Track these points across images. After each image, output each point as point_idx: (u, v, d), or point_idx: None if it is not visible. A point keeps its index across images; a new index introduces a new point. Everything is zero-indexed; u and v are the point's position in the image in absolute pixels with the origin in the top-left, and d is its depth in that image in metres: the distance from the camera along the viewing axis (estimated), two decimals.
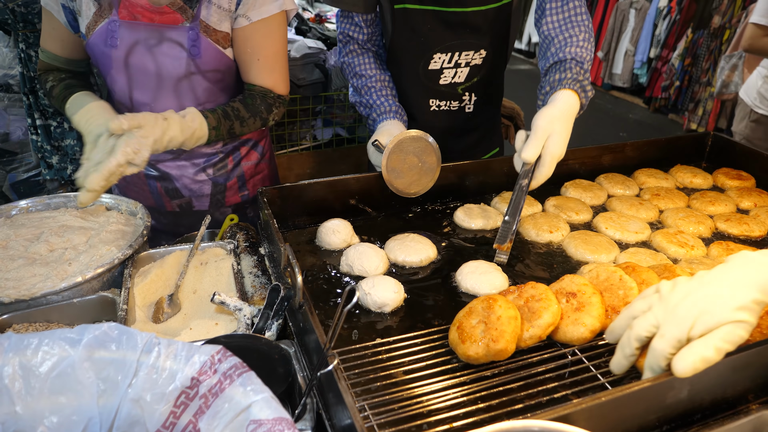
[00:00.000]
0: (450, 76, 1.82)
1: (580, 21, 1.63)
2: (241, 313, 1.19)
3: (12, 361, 0.80)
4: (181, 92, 1.67)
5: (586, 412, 0.91)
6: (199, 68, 1.63)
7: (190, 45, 1.59)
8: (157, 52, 1.59)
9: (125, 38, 1.57)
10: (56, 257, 1.37)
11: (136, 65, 1.61)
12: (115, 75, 1.65)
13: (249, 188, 1.97)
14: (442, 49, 1.77)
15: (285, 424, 0.76)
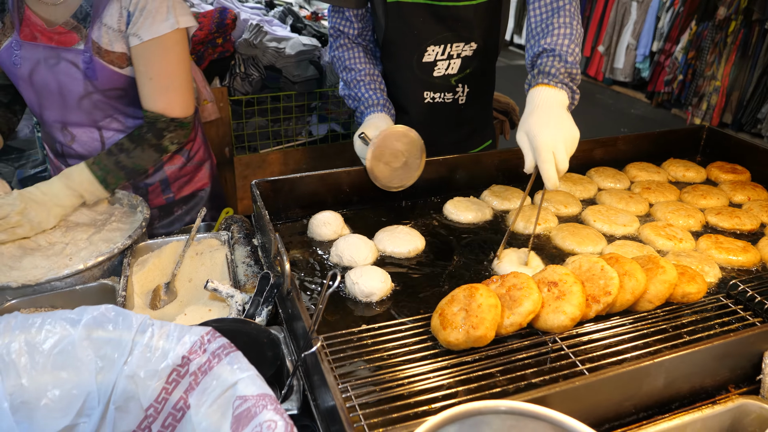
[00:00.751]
0: (443, 68, 1.86)
1: (564, 11, 1.59)
2: (233, 300, 1.24)
3: (18, 338, 0.86)
4: (86, 109, 1.69)
5: (560, 396, 0.95)
6: (96, 88, 1.64)
7: (84, 67, 1.60)
8: (57, 71, 1.61)
9: (27, 57, 1.61)
10: (60, 249, 1.43)
11: (40, 83, 1.64)
12: (23, 92, 1.69)
13: (174, 190, 1.95)
14: (435, 41, 1.80)
15: (268, 400, 0.80)
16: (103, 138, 1.75)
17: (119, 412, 0.91)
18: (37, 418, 0.89)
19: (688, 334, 1.23)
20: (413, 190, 1.74)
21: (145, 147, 1.65)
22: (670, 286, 1.27)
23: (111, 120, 1.73)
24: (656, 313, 1.29)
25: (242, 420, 0.80)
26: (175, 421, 0.89)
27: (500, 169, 1.88)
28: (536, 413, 0.78)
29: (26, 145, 2.80)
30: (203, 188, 2.02)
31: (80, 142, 1.75)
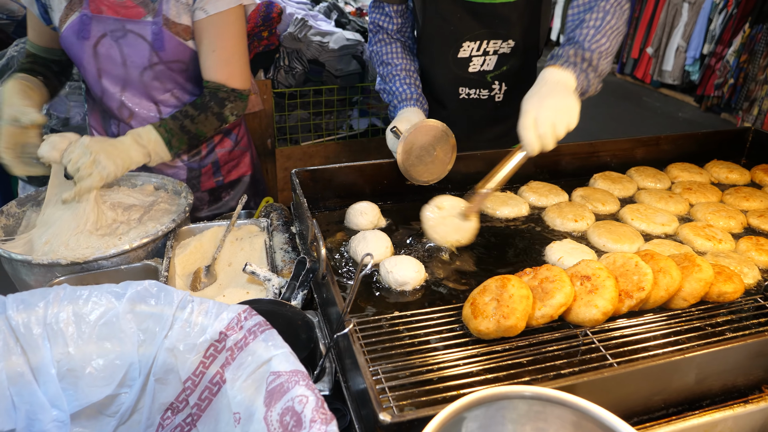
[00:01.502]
0: (479, 64, 1.87)
1: (599, 8, 1.60)
2: (270, 283, 1.27)
3: (66, 309, 0.91)
4: (148, 81, 1.75)
5: (588, 386, 0.96)
6: (161, 59, 1.71)
7: (152, 38, 1.67)
8: (122, 43, 1.68)
9: (95, 30, 1.67)
10: (110, 231, 1.49)
11: (104, 55, 1.70)
12: (87, 65, 1.74)
13: (223, 174, 2.02)
14: (471, 37, 1.81)
15: (300, 376, 0.83)
16: (161, 113, 1.82)
17: (159, 384, 0.96)
18: (82, 386, 0.94)
19: (722, 333, 1.22)
20: (450, 183, 1.76)
21: (208, 114, 1.72)
22: (706, 284, 1.25)
23: (169, 95, 1.80)
24: (691, 311, 1.27)
25: (275, 394, 0.84)
26: (211, 395, 0.93)
27: (539, 166, 1.88)
28: (560, 399, 0.79)
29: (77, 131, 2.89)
30: (246, 174, 2.09)
31: (138, 119, 1.81)
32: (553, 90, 1.48)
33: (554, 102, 1.45)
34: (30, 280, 1.41)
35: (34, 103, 1.67)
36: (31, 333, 0.91)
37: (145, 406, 0.97)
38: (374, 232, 1.48)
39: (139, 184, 1.74)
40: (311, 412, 0.78)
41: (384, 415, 0.84)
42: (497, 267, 1.47)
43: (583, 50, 1.55)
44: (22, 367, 0.90)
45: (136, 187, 1.72)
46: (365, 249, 1.42)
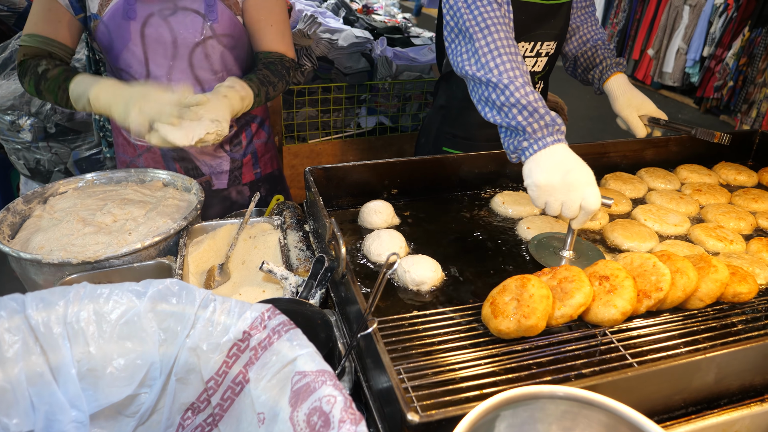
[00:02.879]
0: (530, 65, 1.85)
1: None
2: (287, 282, 1.26)
3: (87, 308, 0.90)
4: (196, 61, 1.73)
5: (611, 386, 0.95)
6: (214, 32, 1.71)
7: (207, 11, 1.67)
8: (172, 20, 1.66)
9: (141, 11, 1.64)
10: (118, 227, 1.48)
11: (153, 35, 1.67)
12: (133, 48, 1.68)
13: (261, 166, 2.04)
14: (528, 38, 1.78)
15: (327, 376, 0.83)
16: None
17: (180, 384, 0.94)
18: (102, 386, 0.93)
19: (738, 333, 1.23)
20: (463, 182, 1.76)
21: (282, 82, 1.77)
22: (722, 285, 1.26)
23: (216, 79, 1.79)
24: (706, 311, 1.28)
25: (301, 394, 0.83)
26: (233, 395, 0.92)
27: None
28: (593, 400, 0.78)
29: (83, 127, 2.89)
30: (276, 169, 2.12)
31: None
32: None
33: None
34: (39, 280, 1.40)
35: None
36: (51, 332, 0.89)
37: (165, 406, 0.95)
38: (389, 231, 1.47)
39: (148, 180, 1.72)
40: (340, 412, 0.77)
41: (412, 415, 0.83)
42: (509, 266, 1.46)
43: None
44: (41, 367, 0.89)
45: (145, 183, 1.71)
46: (380, 248, 1.41)
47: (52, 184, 1.65)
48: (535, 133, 1.37)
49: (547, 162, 1.35)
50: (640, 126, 1.85)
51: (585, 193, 1.32)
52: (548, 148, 1.36)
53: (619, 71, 1.92)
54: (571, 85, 1.99)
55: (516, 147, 1.41)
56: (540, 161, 1.36)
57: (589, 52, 1.98)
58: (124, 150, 1.94)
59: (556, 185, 1.33)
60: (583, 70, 2.00)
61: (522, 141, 1.39)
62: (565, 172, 1.33)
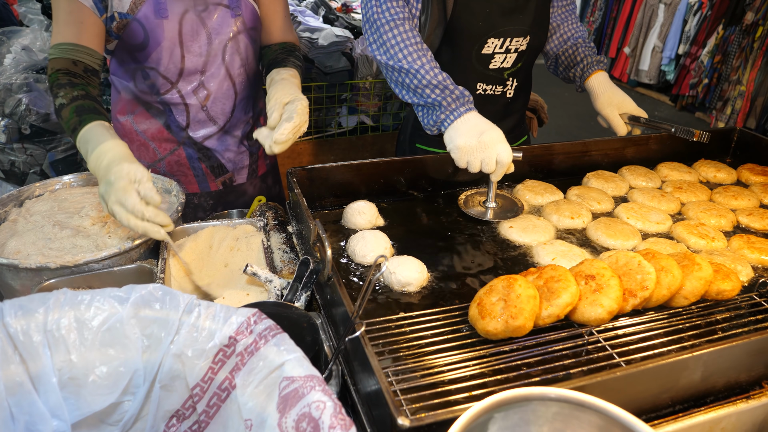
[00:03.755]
0: (500, 61, 1.86)
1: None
2: (272, 285, 1.25)
3: (68, 315, 0.87)
4: (228, 56, 1.75)
5: (600, 386, 0.95)
6: (244, 25, 1.74)
7: (233, 4, 1.69)
8: (205, 16, 1.67)
9: (174, 8, 1.62)
10: (97, 230, 1.45)
11: (189, 32, 1.67)
12: (168, 46, 1.65)
13: (269, 156, 2.09)
14: (496, 34, 1.80)
15: (316, 381, 0.81)
16: (236, 90, 1.83)
17: (164, 391, 0.92)
18: (84, 395, 0.90)
19: (722, 330, 1.24)
20: (448, 182, 1.75)
21: (297, 65, 1.79)
22: (706, 282, 1.26)
23: (242, 72, 1.82)
24: (691, 309, 1.29)
25: (289, 400, 0.81)
26: (219, 401, 0.91)
27: (533, 165, 1.88)
28: (585, 402, 0.78)
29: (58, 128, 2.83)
30: (276, 157, 2.16)
31: (215, 99, 1.79)
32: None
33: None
34: (16, 285, 1.36)
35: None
36: (31, 340, 0.87)
37: (149, 413, 0.93)
38: (373, 232, 1.46)
39: None
40: (330, 418, 0.76)
41: (402, 419, 0.82)
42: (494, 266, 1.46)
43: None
44: (21, 376, 0.86)
45: None
46: (364, 249, 1.40)
47: (28, 187, 1.61)
48: (449, 105, 1.63)
49: (464, 127, 1.60)
50: (621, 124, 1.87)
51: (498, 149, 1.55)
52: (463, 116, 1.62)
53: (600, 69, 1.94)
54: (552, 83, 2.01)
55: (435, 121, 1.67)
56: (458, 128, 1.61)
57: (570, 50, 1.99)
58: (139, 156, 1.84)
59: (473, 145, 1.57)
60: (565, 68, 2.02)
61: (440, 114, 1.65)
62: (479, 134, 1.57)
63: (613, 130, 1.90)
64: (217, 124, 1.84)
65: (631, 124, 1.87)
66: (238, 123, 1.90)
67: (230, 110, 1.84)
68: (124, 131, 1.83)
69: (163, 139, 1.82)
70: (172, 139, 1.82)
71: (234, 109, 1.85)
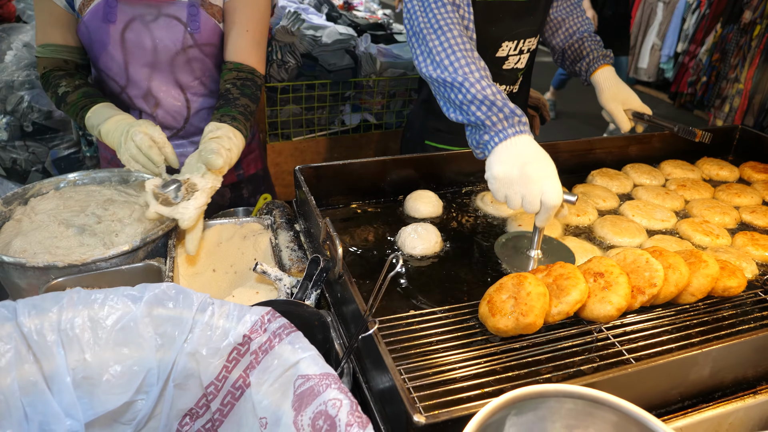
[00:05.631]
0: (513, 62, 1.86)
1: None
2: (282, 283, 1.25)
3: (81, 314, 0.87)
4: (177, 67, 1.70)
5: (611, 382, 0.96)
6: (196, 42, 1.66)
7: (189, 20, 1.62)
8: (153, 27, 1.62)
9: (122, 14, 1.59)
10: (103, 229, 1.44)
11: (133, 41, 1.63)
12: (112, 51, 1.64)
13: (243, 167, 1.99)
14: (510, 37, 1.79)
15: (331, 379, 0.81)
16: (188, 102, 1.75)
17: (178, 390, 0.93)
18: (98, 394, 0.90)
19: (729, 326, 1.25)
20: (452, 181, 1.75)
21: (254, 105, 1.66)
22: (713, 279, 1.27)
23: (198, 83, 1.74)
24: (698, 305, 1.30)
25: (305, 398, 0.82)
26: (234, 399, 0.91)
27: None
28: (601, 399, 0.78)
29: (61, 125, 2.83)
30: (260, 168, 2.06)
31: (165, 108, 1.74)
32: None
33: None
34: (23, 284, 1.36)
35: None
36: (45, 340, 0.87)
37: (162, 412, 0.94)
38: (425, 225, 1.50)
39: (132, 180, 1.69)
40: (346, 415, 0.76)
41: (418, 417, 0.82)
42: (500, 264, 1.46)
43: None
44: (35, 375, 0.86)
45: (128, 183, 1.67)
46: (415, 242, 1.44)
47: (32, 185, 1.60)
48: (494, 126, 1.36)
49: (506, 154, 1.33)
50: (625, 120, 1.87)
51: (544, 186, 1.28)
52: (509, 140, 1.34)
53: (606, 63, 1.93)
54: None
55: (479, 142, 1.41)
56: (499, 153, 1.34)
57: (576, 44, 1.99)
58: (105, 147, 1.89)
59: (513, 177, 1.30)
60: (571, 62, 2.02)
61: (483, 135, 1.38)
62: (523, 164, 1.30)
63: (616, 125, 1.90)
64: (170, 130, 1.81)
65: (635, 121, 1.87)
66: (196, 131, 1.84)
67: (183, 120, 1.79)
68: None
69: None
70: None
71: (188, 119, 1.80)
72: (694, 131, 1.78)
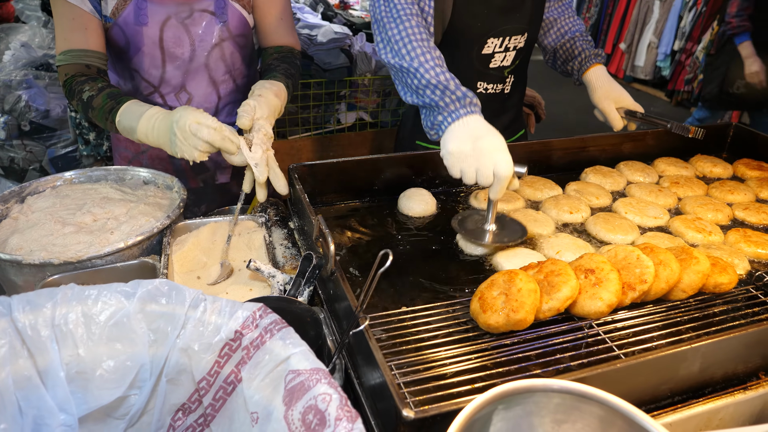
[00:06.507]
0: (499, 60, 1.87)
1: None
2: (275, 280, 1.26)
3: (75, 309, 0.88)
4: (212, 62, 1.75)
5: (600, 378, 0.97)
6: (230, 33, 1.72)
7: (219, 11, 1.68)
8: (189, 22, 1.66)
9: (156, 15, 1.62)
10: (99, 226, 1.45)
11: (171, 38, 1.66)
12: (149, 52, 1.67)
13: None
14: (495, 33, 1.81)
15: (321, 374, 0.82)
16: (219, 97, 1.83)
17: (171, 385, 0.93)
18: (91, 389, 0.91)
19: (720, 323, 1.25)
20: (446, 179, 1.76)
21: (298, 75, 1.79)
22: (704, 276, 1.28)
23: (229, 77, 1.81)
24: (688, 302, 1.30)
25: (295, 393, 0.82)
26: (225, 394, 0.92)
27: (532, 161, 1.89)
28: (588, 393, 0.79)
29: (58, 124, 2.84)
30: None
31: (196, 103, 1.80)
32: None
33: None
34: (19, 281, 1.37)
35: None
36: (39, 335, 0.88)
37: (155, 407, 0.94)
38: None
39: (128, 178, 1.70)
40: (336, 410, 0.77)
41: (407, 411, 0.83)
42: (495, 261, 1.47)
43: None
44: (29, 370, 0.87)
45: (125, 182, 1.68)
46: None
47: (29, 183, 1.61)
48: (447, 107, 1.46)
49: (459, 131, 1.43)
50: (617, 118, 1.88)
51: (496, 159, 1.36)
52: (461, 119, 1.44)
53: (598, 63, 1.95)
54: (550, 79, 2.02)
55: (433, 123, 1.52)
56: (453, 131, 1.44)
57: (568, 44, 2.00)
58: (126, 146, 1.91)
59: (467, 152, 1.39)
60: (563, 62, 2.03)
61: (437, 116, 1.49)
62: (475, 139, 1.39)
63: (609, 124, 1.91)
64: None
65: (628, 119, 1.88)
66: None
67: (212, 114, 1.79)
68: None
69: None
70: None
71: (216, 113, 1.84)
72: (688, 127, 1.79)
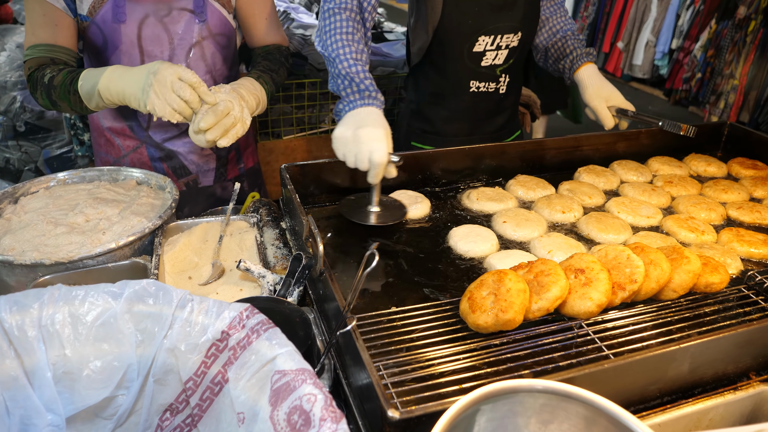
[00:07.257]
0: (491, 58, 1.88)
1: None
2: (265, 280, 1.26)
3: (62, 310, 0.88)
4: (192, 62, 1.75)
5: (588, 378, 0.97)
6: (209, 32, 1.73)
7: (198, 10, 1.69)
8: (168, 21, 1.66)
9: (134, 12, 1.62)
10: (91, 227, 1.45)
11: (149, 36, 1.66)
12: (127, 50, 1.66)
13: (244, 161, 2.05)
14: (486, 31, 1.82)
15: (307, 374, 0.82)
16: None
17: (158, 385, 0.94)
18: (78, 389, 0.92)
19: (710, 322, 1.24)
20: (438, 178, 1.76)
21: (282, 69, 1.84)
22: (694, 275, 1.28)
23: (208, 78, 1.81)
24: (679, 302, 1.30)
25: (281, 393, 0.83)
26: (212, 395, 0.92)
27: (525, 160, 1.89)
28: (571, 393, 0.79)
29: (53, 125, 2.85)
30: (257, 162, 2.15)
31: None
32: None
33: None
34: (11, 281, 1.37)
35: None
36: (26, 335, 0.88)
37: (143, 407, 0.95)
38: (481, 227, 1.55)
39: (121, 178, 1.70)
40: (320, 410, 0.77)
41: (392, 412, 0.83)
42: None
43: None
44: (15, 371, 0.87)
45: (118, 182, 1.68)
46: (468, 245, 1.48)
47: (22, 184, 1.62)
48: (347, 97, 1.58)
49: (349, 119, 1.53)
50: (609, 117, 1.88)
51: (372, 147, 1.45)
52: (356, 110, 1.55)
53: (589, 61, 1.96)
54: None
55: (336, 111, 1.63)
56: (345, 119, 1.55)
57: (559, 43, 2.01)
58: (107, 150, 1.91)
59: (348, 138, 1.49)
60: (554, 60, 2.03)
61: (339, 104, 1.61)
62: (357, 127, 1.49)
63: (600, 123, 1.92)
64: (177, 127, 1.85)
65: (619, 117, 1.88)
66: None
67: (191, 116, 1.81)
68: (93, 125, 1.90)
69: (126, 137, 1.85)
70: (134, 137, 1.85)
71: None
72: (679, 125, 1.79)
